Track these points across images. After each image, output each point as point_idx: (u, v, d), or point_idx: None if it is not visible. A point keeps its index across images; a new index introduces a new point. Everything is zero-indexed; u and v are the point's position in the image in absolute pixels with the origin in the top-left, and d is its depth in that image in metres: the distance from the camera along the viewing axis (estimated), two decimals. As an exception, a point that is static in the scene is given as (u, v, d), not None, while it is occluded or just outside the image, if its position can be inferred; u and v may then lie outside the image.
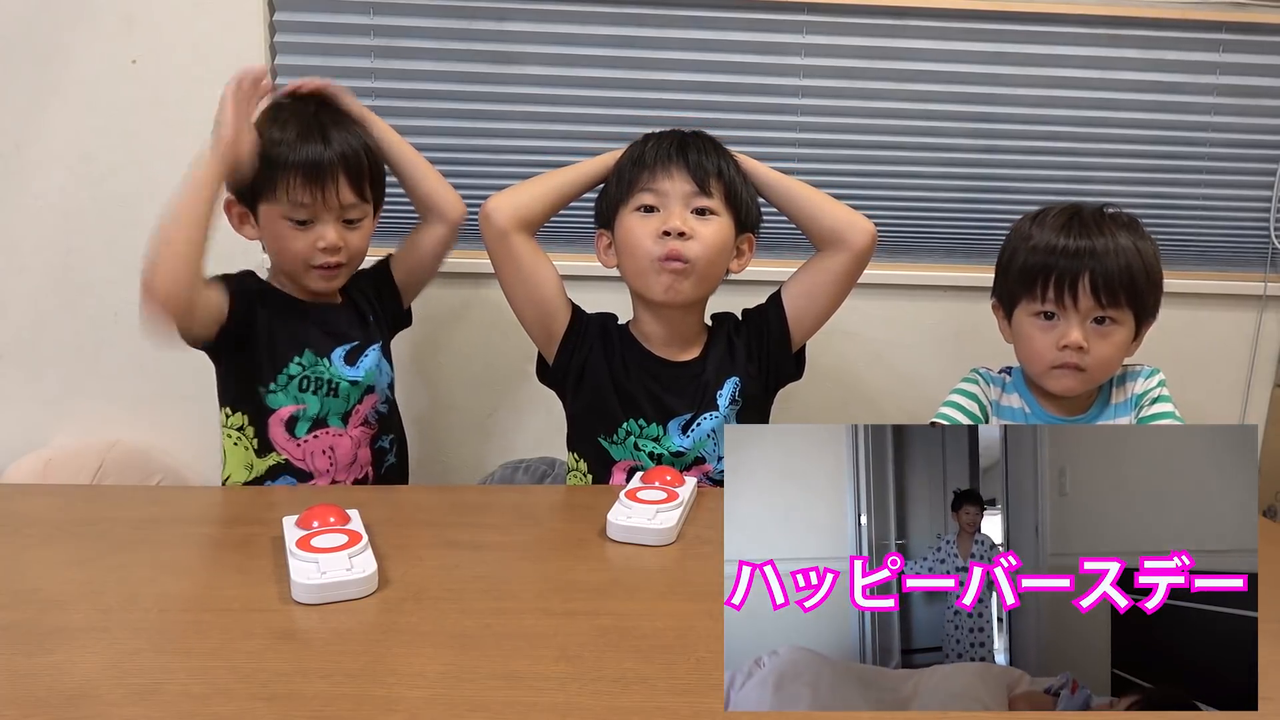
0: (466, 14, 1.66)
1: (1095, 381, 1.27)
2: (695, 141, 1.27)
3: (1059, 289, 1.21)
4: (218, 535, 0.98)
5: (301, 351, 1.28)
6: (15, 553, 0.92)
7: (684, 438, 1.27)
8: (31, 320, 1.72)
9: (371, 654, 0.74)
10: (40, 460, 1.64)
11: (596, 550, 0.96)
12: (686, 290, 1.25)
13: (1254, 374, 1.91)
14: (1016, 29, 1.72)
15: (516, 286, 1.29)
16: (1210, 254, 1.88)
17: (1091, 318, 1.22)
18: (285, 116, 1.25)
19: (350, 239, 1.27)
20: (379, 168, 1.32)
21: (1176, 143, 1.80)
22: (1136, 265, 1.21)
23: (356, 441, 1.32)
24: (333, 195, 1.23)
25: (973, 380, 1.36)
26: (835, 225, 1.29)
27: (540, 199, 1.28)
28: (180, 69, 1.64)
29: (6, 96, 1.63)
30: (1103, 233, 1.22)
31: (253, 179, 1.23)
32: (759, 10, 1.68)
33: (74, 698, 0.65)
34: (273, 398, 1.27)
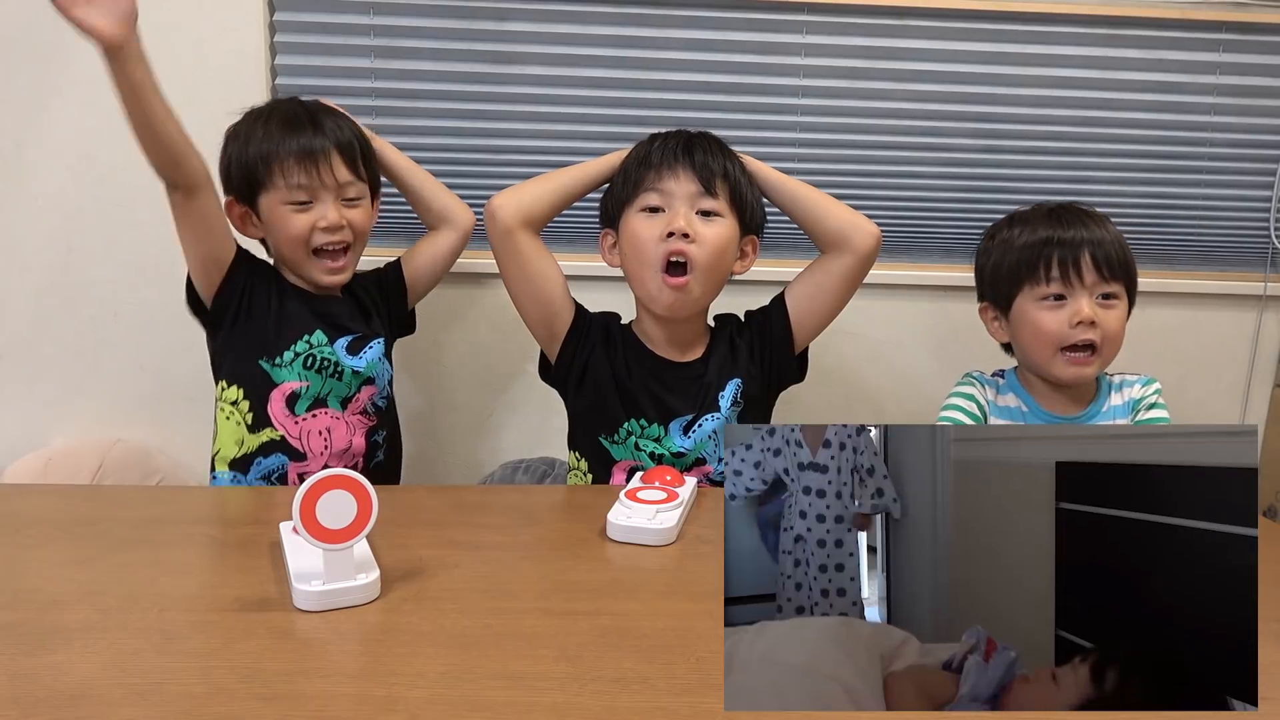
0: (466, 14, 1.66)
1: (1106, 362, 1.29)
2: (701, 142, 1.27)
3: (1064, 268, 1.25)
4: (218, 535, 0.98)
5: (312, 330, 1.30)
6: (15, 553, 0.92)
7: (685, 438, 1.27)
8: (31, 320, 1.72)
9: (371, 654, 0.74)
10: (40, 460, 1.64)
11: (596, 550, 0.96)
12: (689, 303, 1.25)
13: (1254, 374, 1.91)
14: (1016, 29, 1.72)
15: (521, 285, 1.29)
16: (1210, 254, 1.88)
17: (1098, 294, 1.26)
18: (268, 114, 1.27)
19: (352, 217, 1.28)
20: (370, 152, 1.33)
21: (1176, 143, 1.80)
22: (1124, 248, 1.28)
23: (352, 428, 1.32)
24: (328, 173, 1.25)
25: (968, 383, 1.37)
26: (840, 228, 1.29)
27: (545, 197, 1.28)
28: (180, 69, 1.63)
29: (6, 96, 1.63)
30: (1091, 220, 1.28)
31: (248, 176, 1.25)
32: (759, 10, 1.68)
33: (74, 698, 0.65)
34: (277, 372, 1.27)
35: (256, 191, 1.26)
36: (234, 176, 1.28)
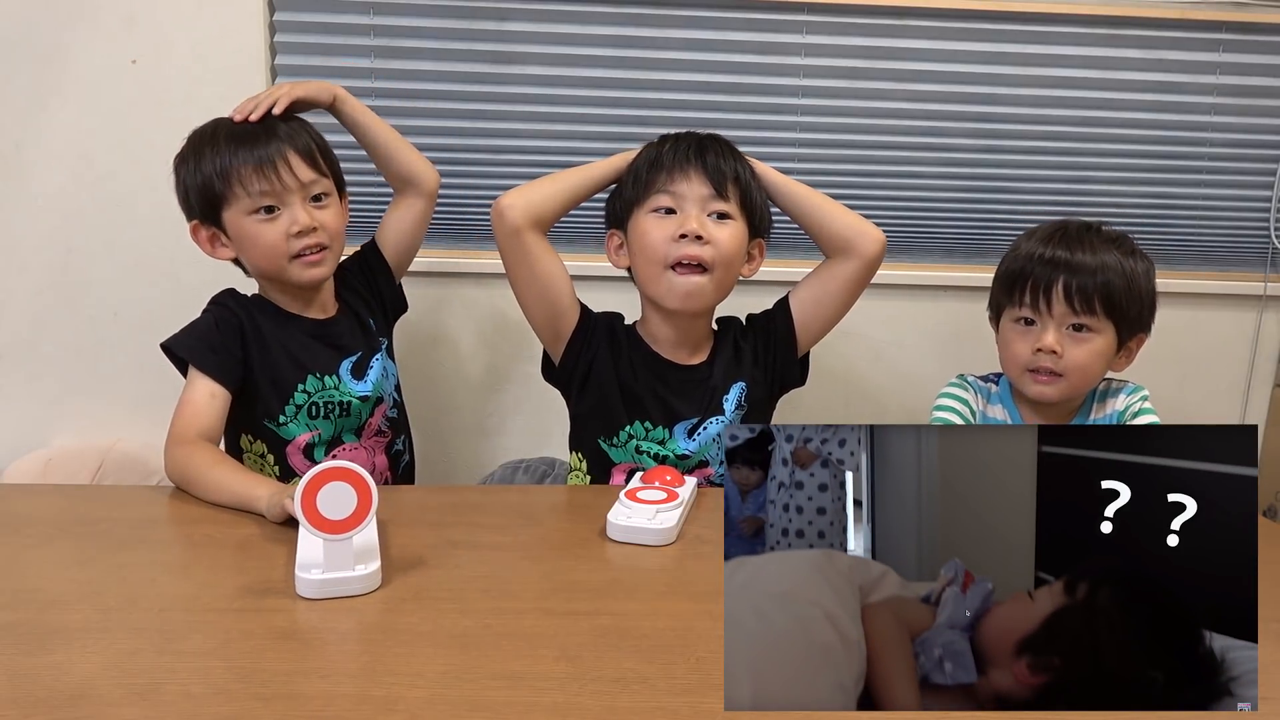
0: (466, 14, 1.66)
1: (1074, 389, 1.27)
2: (713, 145, 1.26)
3: (1034, 294, 1.24)
4: (218, 535, 0.98)
5: (304, 378, 1.26)
6: (15, 553, 0.92)
7: (690, 441, 1.27)
8: (31, 320, 1.72)
9: (371, 654, 0.74)
10: (40, 460, 1.64)
11: (596, 550, 0.96)
12: (706, 295, 1.25)
13: (1254, 374, 1.91)
14: (1016, 29, 1.72)
15: (528, 284, 1.28)
16: (1210, 254, 1.88)
17: (1068, 324, 1.24)
18: (213, 131, 1.22)
19: (322, 218, 1.23)
20: (328, 148, 1.27)
21: (1176, 143, 1.80)
22: (1116, 279, 1.22)
23: (371, 451, 1.32)
24: (289, 175, 1.19)
25: (960, 385, 1.37)
26: (845, 233, 1.29)
27: (554, 197, 1.28)
28: (180, 69, 1.64)
29: (6, 96, 1.63)
30: (1084, 246, 1.24)
31: (207, 195, 1.20)
32: (759, 10, 1.68)
33: (74, 698, 0.65)
34: (285, 429, 1.25)
35: (219, 209, 1.20)
36: (193, 200, 1.22)
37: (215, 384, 1.18)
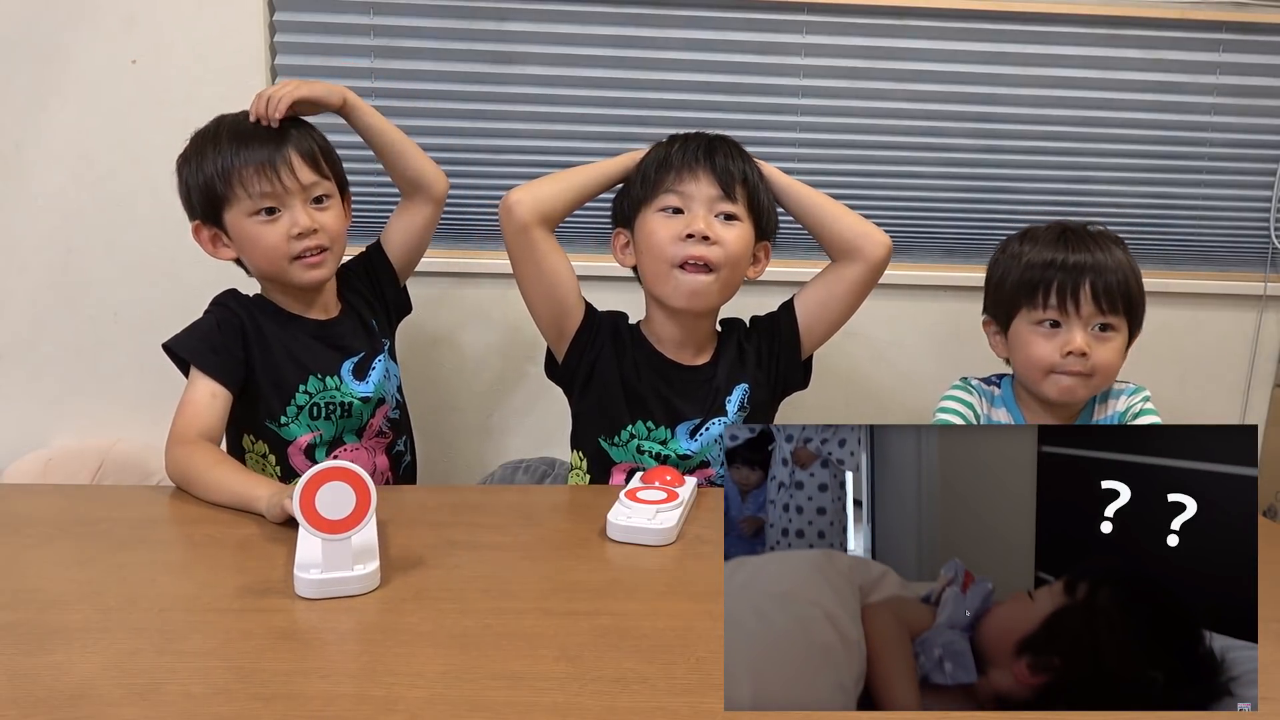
0: (466, 14, 1.66)
1: (1097, 388, 1.29)
2: (721, 146, 1.26)
3: (1061, 297, 1.25)
4: (218, 535, 0.98)
5: (306, 379, 1.26)
6: (15, 553, 0.92)
7: (692, 442, 1.27)
8: (31, 320, 1.72)
9: (371, 654, 0.74)
10: (40, 460, 1.65)
11: (596, 550, 0.96)
12: (711, 295, 1.25)
13: (1254, 374, 1.91)
14: (1016, 29, 1.72)
15: (534, 282, 1.28)
16: (1210, 254, 1.88)
17: (1094, 325, 1.25)
18: (216, 131, 1.22)
19: (323, 220, 1.22)
20: (331, 150, 1.27)
21: (1176, 143, 1.80)
22: (1131, 277, 1.27)
23: (373, 452, 1.32)
24: (290, 177, 1.19)
25: (964, 388, 1.37)
26: (851, 236, 1.29)
27: (561, 195, 1.27)
28: (180, 69, 1.64)
29: (6, 96, 1.63)
30: (1099, 246, 1.27)
31: (209, 195, 1.20)
32: (759, 10, 1.68)
33: (74, 698, 0.65)
34: (286, 430, 1.25)
35: (220, 209, 1.20)
36: (195, 200, 1.22)
37: (216, 384, 1.18)
